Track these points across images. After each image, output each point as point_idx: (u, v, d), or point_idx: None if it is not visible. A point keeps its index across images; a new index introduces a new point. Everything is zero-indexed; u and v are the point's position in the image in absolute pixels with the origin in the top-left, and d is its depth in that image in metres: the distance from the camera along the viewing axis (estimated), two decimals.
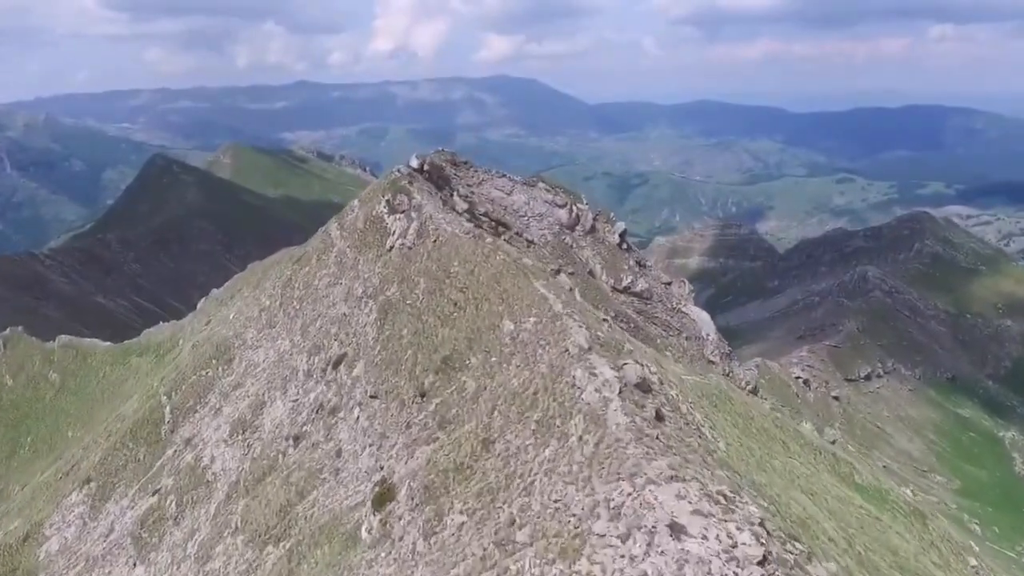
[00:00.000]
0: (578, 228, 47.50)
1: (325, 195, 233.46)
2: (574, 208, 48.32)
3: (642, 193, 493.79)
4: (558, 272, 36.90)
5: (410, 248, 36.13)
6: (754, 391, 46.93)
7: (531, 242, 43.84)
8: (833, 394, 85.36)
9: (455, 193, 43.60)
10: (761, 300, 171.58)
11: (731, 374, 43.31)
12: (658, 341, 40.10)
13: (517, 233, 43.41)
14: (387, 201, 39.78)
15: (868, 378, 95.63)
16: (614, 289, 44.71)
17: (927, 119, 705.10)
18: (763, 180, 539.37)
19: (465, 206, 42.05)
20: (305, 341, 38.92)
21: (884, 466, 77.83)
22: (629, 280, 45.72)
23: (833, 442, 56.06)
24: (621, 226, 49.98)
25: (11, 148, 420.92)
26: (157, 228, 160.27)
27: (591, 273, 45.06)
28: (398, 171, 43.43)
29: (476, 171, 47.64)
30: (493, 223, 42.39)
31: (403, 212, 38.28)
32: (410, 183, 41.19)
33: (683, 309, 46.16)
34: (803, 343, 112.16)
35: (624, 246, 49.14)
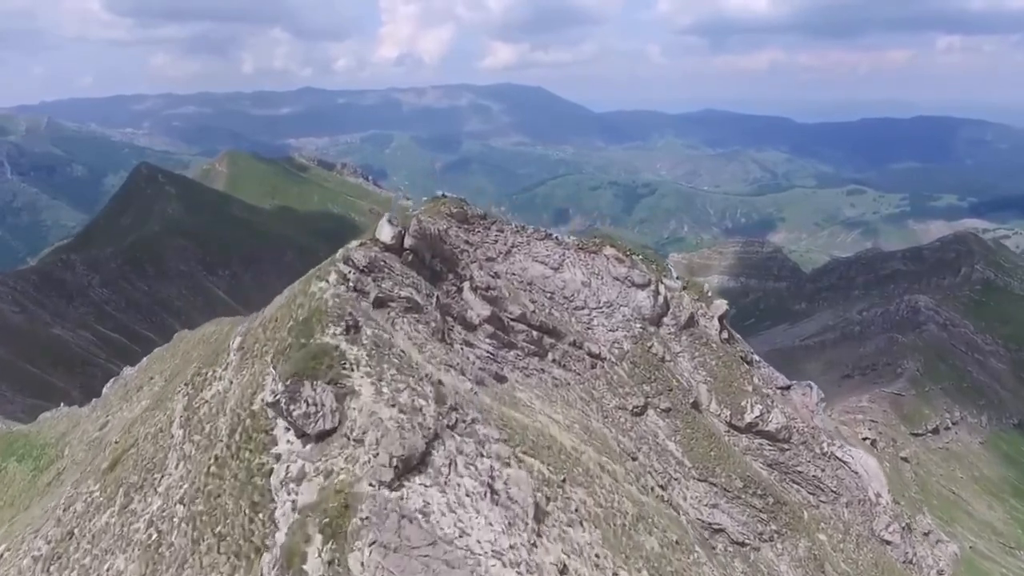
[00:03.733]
0: (667, 320, 28.89)
1: (324, 205, 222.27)
2: (660, 288, 29.80)
3: (649, 203, 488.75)
4: (644, 410, 21.61)
5: None
6: None
7: (597, 357, 25.93)
8: (902, 455, 73.06)
9: (468, 282, 25.51)
10: (788, 324, 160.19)
11: (915, 561, 28.70)
12: (805, 515, 24.68)
13: (574, 344, 25.53)
14: (287, 387, 16.15)
15: (936, 431, 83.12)
16: (732, 427, 27.67)
17: (935, 130, 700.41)
18: (772, 191, 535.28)
19: (487, 312, 24.30)
20: None
21: (972, 547, 65.44)
22: (757, 412, 28.05)
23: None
24: (721, 306, 31.47)
25: (12, 152, 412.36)
26: (129, 247, 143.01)
27: (695, 404, 27.85)
28: (342, 279, 20.47)
29: (502, 231, 29.14)
30: (535, 331, 24.45)
31: (321, 440, 15.71)
32: (353, 329, 18.33)
33: (837, 454, 30.02)
34: (851, 384, 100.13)
35: (725, 335, 31.19)
